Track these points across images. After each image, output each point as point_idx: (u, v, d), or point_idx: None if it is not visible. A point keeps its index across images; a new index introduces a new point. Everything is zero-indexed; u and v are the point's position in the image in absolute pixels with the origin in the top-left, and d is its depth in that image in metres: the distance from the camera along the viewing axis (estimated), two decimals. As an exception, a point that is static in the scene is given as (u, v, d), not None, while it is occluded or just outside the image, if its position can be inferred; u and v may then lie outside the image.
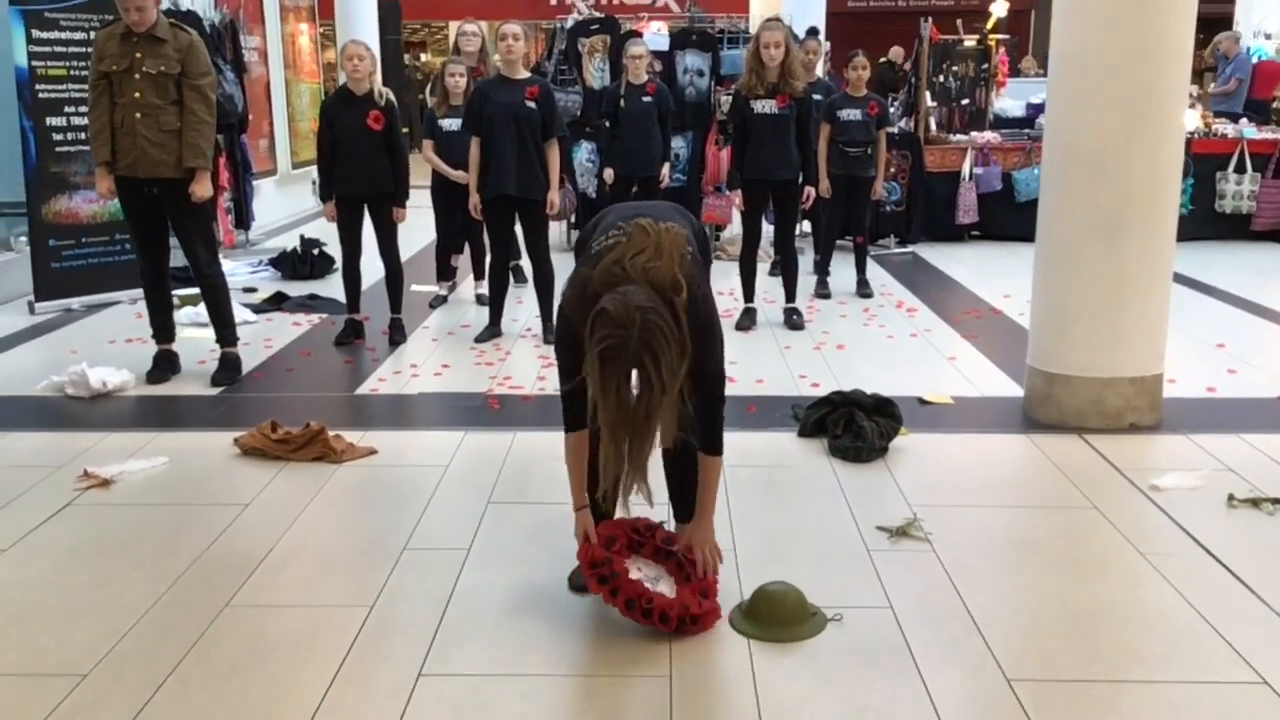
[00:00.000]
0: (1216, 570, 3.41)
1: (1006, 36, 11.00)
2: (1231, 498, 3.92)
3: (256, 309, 7.06)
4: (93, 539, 3.68)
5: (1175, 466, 4.25)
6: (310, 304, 7.29)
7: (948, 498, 3.99)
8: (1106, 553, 3.56)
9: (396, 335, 6.30)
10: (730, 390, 5.35)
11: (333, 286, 7.21)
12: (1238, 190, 9.66)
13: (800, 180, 6.53)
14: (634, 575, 3.04)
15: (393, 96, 6.09)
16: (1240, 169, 9.64)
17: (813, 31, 8.85)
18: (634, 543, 3.17)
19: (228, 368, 5.50)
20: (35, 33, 6.90)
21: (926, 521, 3.73)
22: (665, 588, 3.08)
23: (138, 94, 5.04)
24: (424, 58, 23.22)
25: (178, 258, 5.55)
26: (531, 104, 5.96)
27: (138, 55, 5.03)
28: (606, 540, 3.09)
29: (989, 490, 4.12)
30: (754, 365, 5.79)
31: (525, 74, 6.17)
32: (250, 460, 4.38)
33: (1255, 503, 3.87)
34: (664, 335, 2.66)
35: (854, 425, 4.46)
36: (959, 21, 10.90)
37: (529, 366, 5.78)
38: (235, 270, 8.35)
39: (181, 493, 4.09)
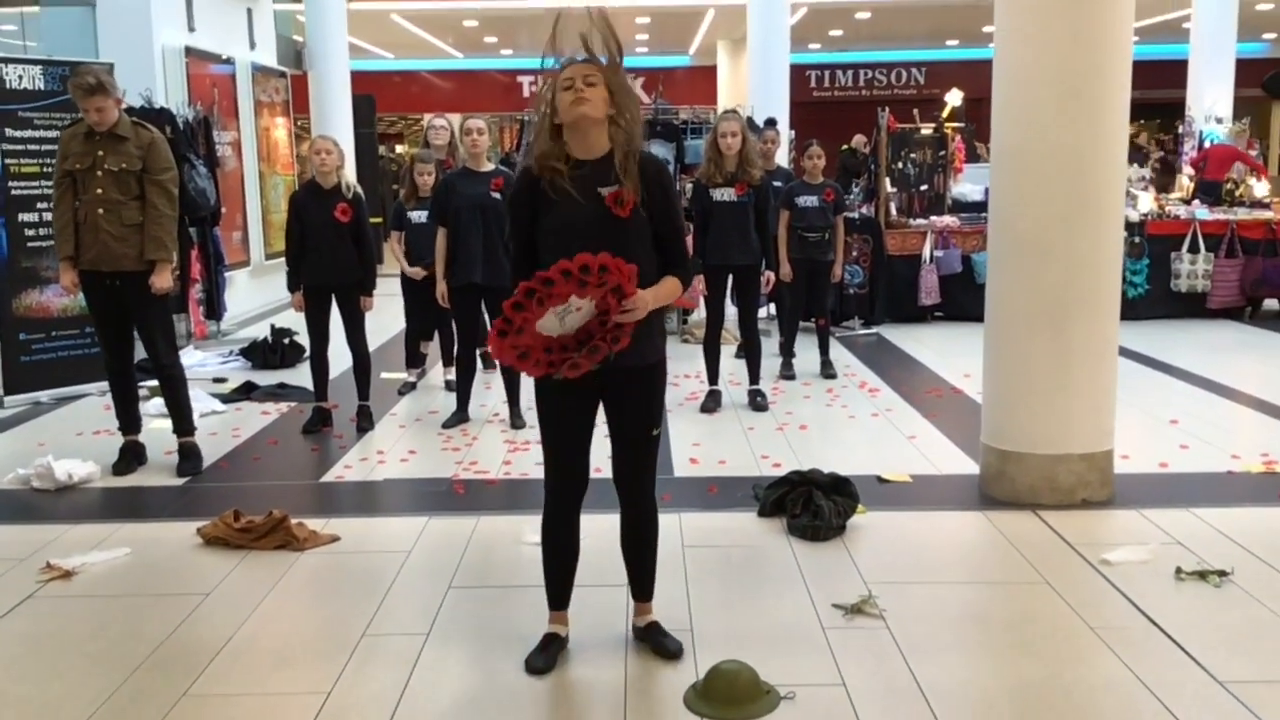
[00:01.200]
0: (1163, 643, 3.47)
1: (963, 124, 11.32)
2: (1179, 571, 4.00)
3: (225, 399, 7.11)
4: (52, 631, 3.68)
5: (1126, 541, 4.33)
6: (279, 393, 7.34)
7: (903, 575, 4.05)
8: (1057, 627, 3.61)
9: (364, 422, 6.36)
10: (693, 471, 5.48)
11: (303, 375, 7.26)
12: (1192, 270, 9.91)
13: (762, 265, 6.69)
14: (549, 321, 2.99)
15: (360, 189, 6.24)
16: (1194, 249, 9.90)
17: (770, 122, 9.10)
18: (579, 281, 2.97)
19: (189, 457, 5.55)
20: (9, 131, 7.04)
21: (882, 598, 3.79)
22: (580, 303, 3.00)
23: (100, 190, 5.17)
24: (399, 149, 23.60)
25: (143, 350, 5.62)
26: (497, 195, 6.12)
27: (100, 153, 5.17)
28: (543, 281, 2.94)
29: (943, 567, 4.18)
30: (717, 446, 5.87)
31: (490, 166, 6.34)
32: (212, 550, 4.40)
33: (1202, 575, 3.95)
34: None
35: (812, 504, 4.53)
36: (915, 110, 11.23)
37: (495, 451, 5.84)
38: (206, 361, 8.41)
39: (143, 583, 4.11)
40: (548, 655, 3.35)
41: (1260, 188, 11.68)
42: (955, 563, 4.26)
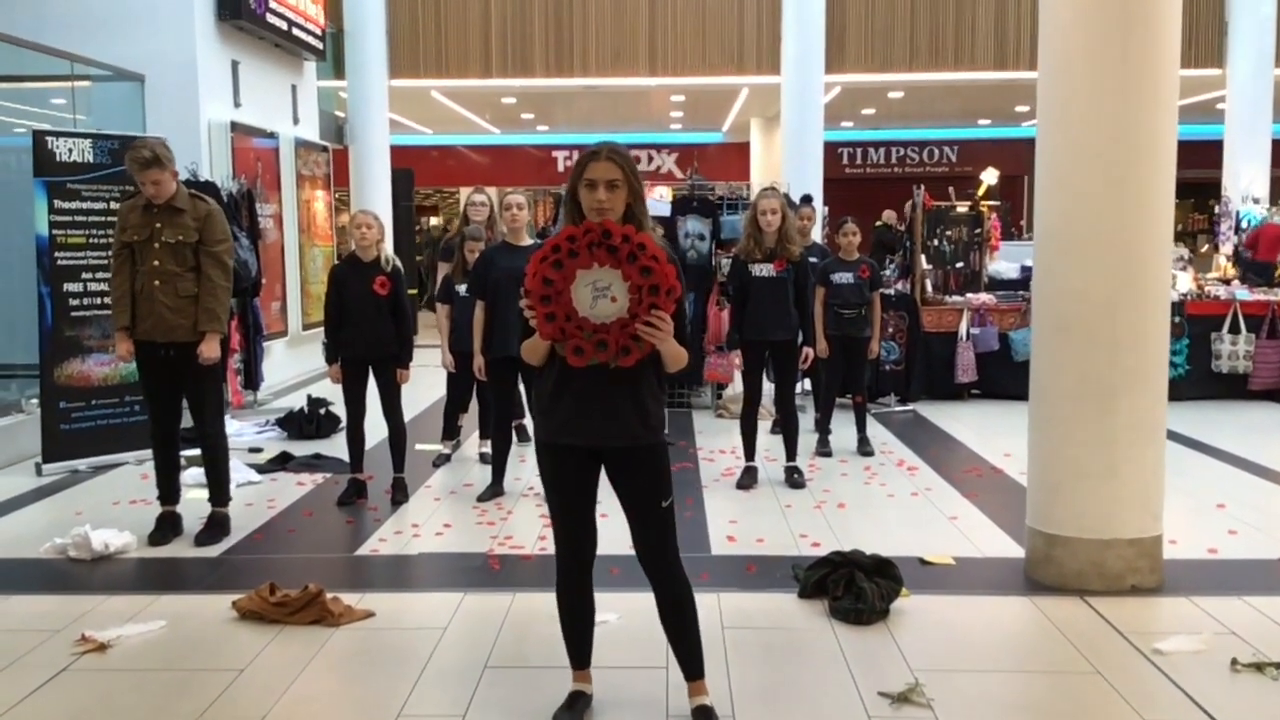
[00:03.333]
0: (1223, 738, 3.36)
1: (998, 202, 11.33)
2: (1235, 662, 3.88)
3: (261, 469, 7.11)
4: (86, 705, 3.65)
5: (1177, 629, 4.21)
6: (314, 464, 7.34)
7: (950, 662, 3.95)
8: (1110, 719, 3.50)
9: (399, 495, 6.33)
10: (730, 549, 5.41)
11: (338, 446, 7.27)
12: (1233, 350, 9.78)
13: (800, 341, 6.67)
14: (583, 290, 3.08)
15: (399, 263, 6.29)
16: (1234, 330, 9.79)
17: (806, 199, 9.16)
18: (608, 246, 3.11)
19: (214, 527, 5.55)
20: (57, 203, 7.17)
21: (928, 687, 3.69)
22: (617, 293, 3.08)
23: (157, 262, 5.24)
24: (434, 220, 23.91)
25: (186, 419, 5.64)
26: (535, 269, 6.14)
27: (157, 225, 5.25)
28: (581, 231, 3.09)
29: (991, 654, 4.08)
30: (755, 524, 5.80)
31: (529, 240, 6.38)
32: (247, 624, 4.36)
33: (1259, 667, 3.83)
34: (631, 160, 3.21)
35: (854, 586, 4.44)
36: (951, 188, 11.26)
37: (530, 526, 5.79)
38: (242, 430, 8.44)
39: (177, 657, 4.07)
40: (574, 712, 3.39)
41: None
42: (1003, 650, 4.15)
